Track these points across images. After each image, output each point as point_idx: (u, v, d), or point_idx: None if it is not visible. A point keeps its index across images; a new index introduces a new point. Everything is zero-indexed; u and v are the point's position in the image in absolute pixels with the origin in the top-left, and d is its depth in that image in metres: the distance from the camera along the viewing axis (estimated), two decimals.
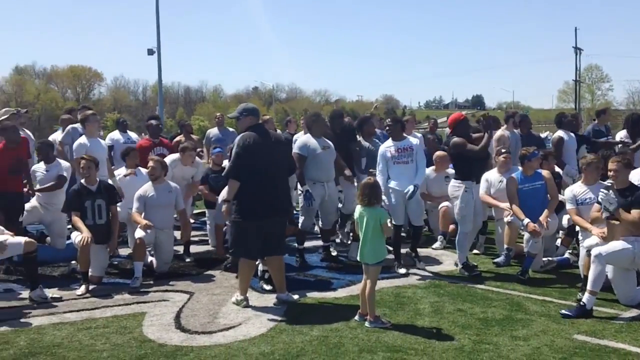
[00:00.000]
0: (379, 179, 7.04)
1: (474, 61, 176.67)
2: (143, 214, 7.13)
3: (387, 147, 7.32)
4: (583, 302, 5.51)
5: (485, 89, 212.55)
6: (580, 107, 56.27)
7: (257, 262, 6.47)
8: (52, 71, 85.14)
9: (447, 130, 7.77)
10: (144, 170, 7.95)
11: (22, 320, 5.47)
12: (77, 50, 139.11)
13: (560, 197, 7.30)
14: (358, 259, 5.51)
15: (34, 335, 5.07)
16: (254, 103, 6.85)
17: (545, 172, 7.19)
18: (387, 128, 7.50)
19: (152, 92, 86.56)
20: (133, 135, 10.58)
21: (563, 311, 5.51)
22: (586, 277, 5.72)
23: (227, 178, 5.89)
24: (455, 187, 7.25)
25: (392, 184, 7.20)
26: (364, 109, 52.08)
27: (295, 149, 7.41)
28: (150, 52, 32.85)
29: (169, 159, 8.33)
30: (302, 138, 7.72)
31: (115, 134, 10.11)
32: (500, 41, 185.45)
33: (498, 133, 9.32)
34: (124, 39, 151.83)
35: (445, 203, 8.26)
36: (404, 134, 7.50)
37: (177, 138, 10.74)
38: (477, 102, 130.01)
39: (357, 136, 8.27)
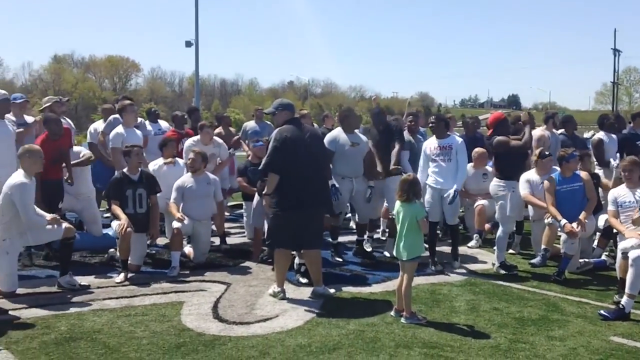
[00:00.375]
0: (419, 175, 7.07)
1: (511, 60, 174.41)
2: (181, 205, 7.24)
3: (429, 143, 7.34)
4: (622, 305, 5.45)
5: (522, 88, 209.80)
6: (617, 109, 55.11)
7: (293, 255, 6.55)
8: (90, 61, 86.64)
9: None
10: (180, 161, 8.08)
11: (62, 306, 5.61)
12: (115, 40, 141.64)
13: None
14: (394, 254, 5.53)
15: (74, 320, 5.21)
16: (289, 97, 6.95)
17: (583, 174, 7.11)
18: (431, 125, 7.49)
19: (188, 83, 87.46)
20: (164, 124, 10.62)
21: (601, 312, 5.46)
22: (622, 279, 5.70)
23: (264, 172, 5.97)
24: (499, 186, 7.24)
25: (429, 180, 7.20)
26: (399, 105, 51.89)
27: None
28: (188, 44, 33.26)
29: (188, 141, 8.43)
30: (332, 133, 7.75)
31: (147, 125, 10.20)
32: (537, 41, 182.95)
33: (538, 133, 9.23)
34: (162, 30, 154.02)
35: (482, 201, 8.21)
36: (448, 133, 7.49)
37: (216, 131, 10.84)
38: (512, 101, 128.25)
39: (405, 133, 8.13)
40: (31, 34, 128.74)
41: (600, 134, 9.27)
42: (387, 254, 7.79)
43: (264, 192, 6.14)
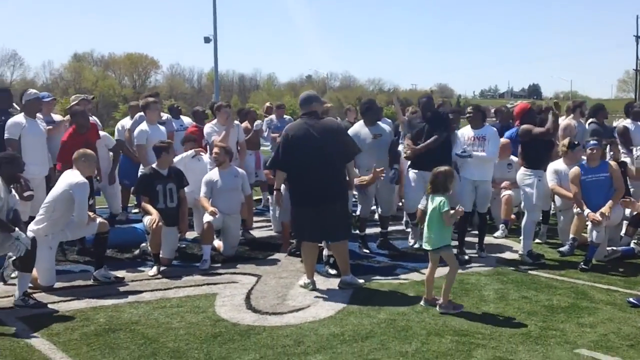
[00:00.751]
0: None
1: (531, 50, 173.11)
2: (210, 200, 7.38)
3: (465, 133, 7.40)
4: None
5: (542, 78, 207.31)
6: None
7: (321, 247, 6.65)
8: (109, 58, 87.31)
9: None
10: (205, 157, 8.20)
11: (99, 299, 5.75)
12: (134, 38, 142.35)
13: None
14: (423, 245, 5.59)
15: (112, 312, 5.35)
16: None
17: (612, 164, 7.11)
18: (468, 115, 7.53)
19: (207, 79, 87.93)
20: (186, 120, 10.75)
21: (631, 299, 5.49)
22: None
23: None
24: (526, 175, 7.29)
25: (463, 171, 7.26)
26: (418, 97, 51.69)
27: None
28: (207, 40, 33.43)
29: (207, 127, 8.56)
30: (353, 127, 7.82)
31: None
32: (558, 29, 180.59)
33: (564, 122, 9.25)
34: (180, 27, 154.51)
35: (508, 191, 8.24)
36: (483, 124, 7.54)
37: (243, 125, 10.95)
38: (533, 91, 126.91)
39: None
40: (51, 33, 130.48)
41: (627, 122, 9.24)
42: (411, 242, 7.89)
43: (274, 188, 6.28)
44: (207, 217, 7.11)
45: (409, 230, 8.35)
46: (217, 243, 7.58)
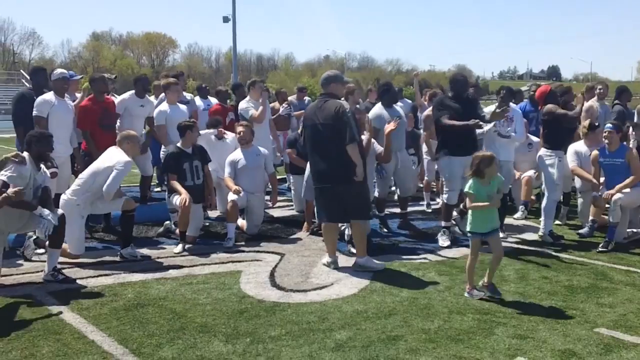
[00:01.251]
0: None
1: (550, 31, 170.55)
2: (234, 179, 7.48)
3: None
4: None
5: (562, 59, 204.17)
6: None
7: (342, 227, 6.75)
8: (127, 37, 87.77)
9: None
10: (229, 135, 8.27)
11: (127, 275, 5.91)
12: (152, 16, 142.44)
13: None
14: (467, 229, 5.41)
15: (140, 288, 5.49)
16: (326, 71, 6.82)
17: (632, 150, 7.06)
18: (501, 95, 7.64)
19: (225, 59, 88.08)
20: (213, 100, 10.85)
21: None
22: None
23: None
24: (547, 155, 7.32)
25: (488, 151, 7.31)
26: (437, 79, 51.30)
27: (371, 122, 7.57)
28: (226, 19, 33.49)
29: (242, 103, 8.70)
30: (373, 109, 7.87)
31: (197, 100, 10.42)
32: (577, 10, 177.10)
33: (587, 104, 9.22)
34: (198, 6, 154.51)
35: (529, 172, 8.24)
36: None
37: (272, 104, 11.01)
38: (552, 72, 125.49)
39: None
40: (70, 11, 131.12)
41: None
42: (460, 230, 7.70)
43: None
44: (231, 196, 7.23)
45: (430, 211, 8.40)
46: (241, 222, 7.70)
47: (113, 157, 6.37)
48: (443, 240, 7.14)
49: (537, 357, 4.04)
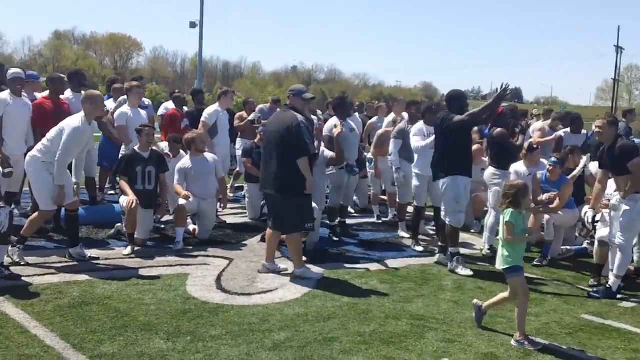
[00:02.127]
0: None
1: (515, 53, 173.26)
2: (185, 185, 7.58)
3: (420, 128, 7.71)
4: (609, 286, 6.00)
5: (525, 81, 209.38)
6: (617, 106, 55.50)
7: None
8: (91, 37, 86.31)
9: None
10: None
11: (73, 274, 5.94)
12: (117, 17, 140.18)
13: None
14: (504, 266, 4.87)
15: (86, 287, 5.55)
16: (293, 83, 7.13)
17: (567, 185, 7.28)
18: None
19: (190, 64, 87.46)
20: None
21: (591, 292, 6.03)
22: (598, 265, 6.38)
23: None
24: (494, 175, 7.72)
25: (417, 167, 7.64)
26: (403, 95, 51.98)
27: (324, 131, 7.98)
28: (193, 25, 33.39)
29: (211, 109, 8.89)
30: (329, 122, 8.18)
31: (170, 104, 10.47)
32: (541, 35, 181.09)
33: (538, 125, 9.77)
34: (166, 9, 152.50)
35: (479, 192, 8.59)
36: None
37: (239, 114, 11.14)
38: (515, 94, 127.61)
39: None
40: (32, 8, 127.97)
41: None
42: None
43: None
44: (180, 201, 7.35)
45: (380, 222, 8.64)
46: (193, 227, 7.81)
47: (67, 120, 6.31)
48: (463, 270, 6.63)
49: (461, 359, 4.29)
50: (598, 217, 6.69)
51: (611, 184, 6.53)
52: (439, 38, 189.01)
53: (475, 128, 8.26)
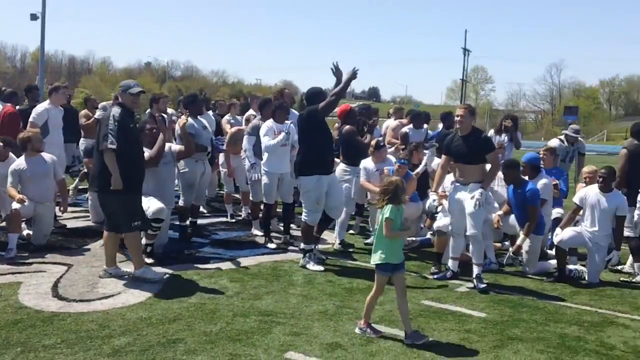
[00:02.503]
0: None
1: (371, 53, 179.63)
2: (19, 188, 7.02)
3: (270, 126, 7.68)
4: (449, 267, 6.55)
5: (381, 81, 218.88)
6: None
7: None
8: None
9: None
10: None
11: None
12: None
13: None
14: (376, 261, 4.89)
15: None
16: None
17: (412, 181, 7.71)
18: None
19: (31, 59, 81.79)
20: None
21: (435, 276, 6.52)
22: (438, 253, 6.82)
23: None
24: (345, 171, 7.94)
25: (268, 165, 7.63)
26: (263, 92, 52.01)
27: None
28: (34, 17, 31.18)
29: (40, 107, 8.27)
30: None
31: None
32: (396, 36, 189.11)
33: (393, 124, 10.25)
34: (3, 0, 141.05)
35: None
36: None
37: (82, 112, 10.50)
38: (373, 93, 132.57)
39: None
40: None
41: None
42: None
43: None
44: (15, 205, 6.78)
45: (233, 221, 8.57)
46: (27, 232, 7.25)
47: None
48: (314, 266, 6.69)
49: (306, 350, 4.34)
50: (439, 209, 7.08)
51: (450, 177, 6.98)
52: (297, 35, 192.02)
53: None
